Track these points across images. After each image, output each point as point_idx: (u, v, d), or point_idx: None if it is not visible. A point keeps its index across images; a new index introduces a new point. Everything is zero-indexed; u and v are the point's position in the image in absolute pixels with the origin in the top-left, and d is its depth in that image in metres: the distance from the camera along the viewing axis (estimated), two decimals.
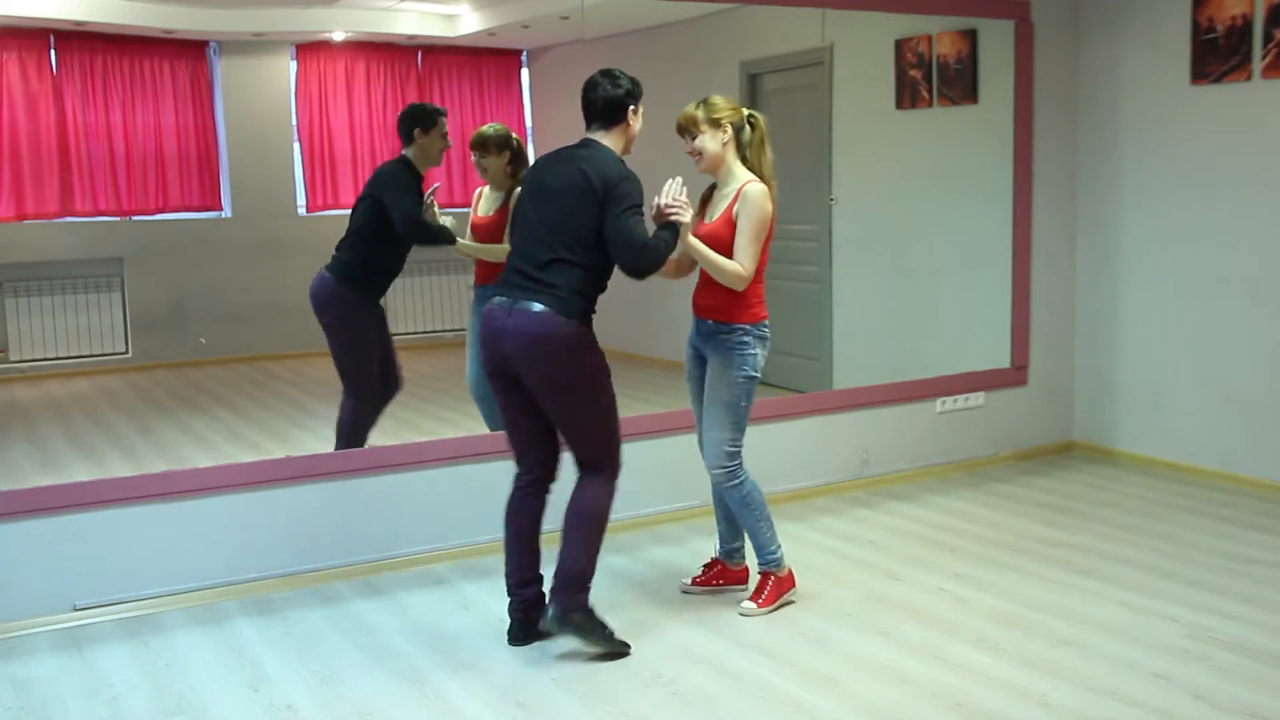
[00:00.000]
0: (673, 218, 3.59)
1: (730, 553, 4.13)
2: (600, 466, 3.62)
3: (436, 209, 4.71)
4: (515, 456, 3.69)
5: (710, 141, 3.78)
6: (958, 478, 5.62)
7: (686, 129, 3.81)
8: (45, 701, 3.35)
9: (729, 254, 3.73)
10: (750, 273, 3.72)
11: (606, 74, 3.65)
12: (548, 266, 3.48)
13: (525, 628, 3.66)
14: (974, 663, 3.49)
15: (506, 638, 3.69)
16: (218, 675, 3.50)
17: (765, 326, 3.83)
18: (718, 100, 3.82)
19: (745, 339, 3.78)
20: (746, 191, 3.74)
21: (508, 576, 3.68)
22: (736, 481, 3.84)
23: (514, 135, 4.85)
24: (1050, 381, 6.03)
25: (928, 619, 3.84)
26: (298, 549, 4.28)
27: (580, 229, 3.49)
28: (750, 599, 3.91)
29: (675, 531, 4.83)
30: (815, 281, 6.25)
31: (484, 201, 4.92)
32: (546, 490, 3.70)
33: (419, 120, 4.66)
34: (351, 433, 4.66)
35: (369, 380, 4.71)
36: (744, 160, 3.83)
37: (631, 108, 3.63)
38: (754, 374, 3.81)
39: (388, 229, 4.55)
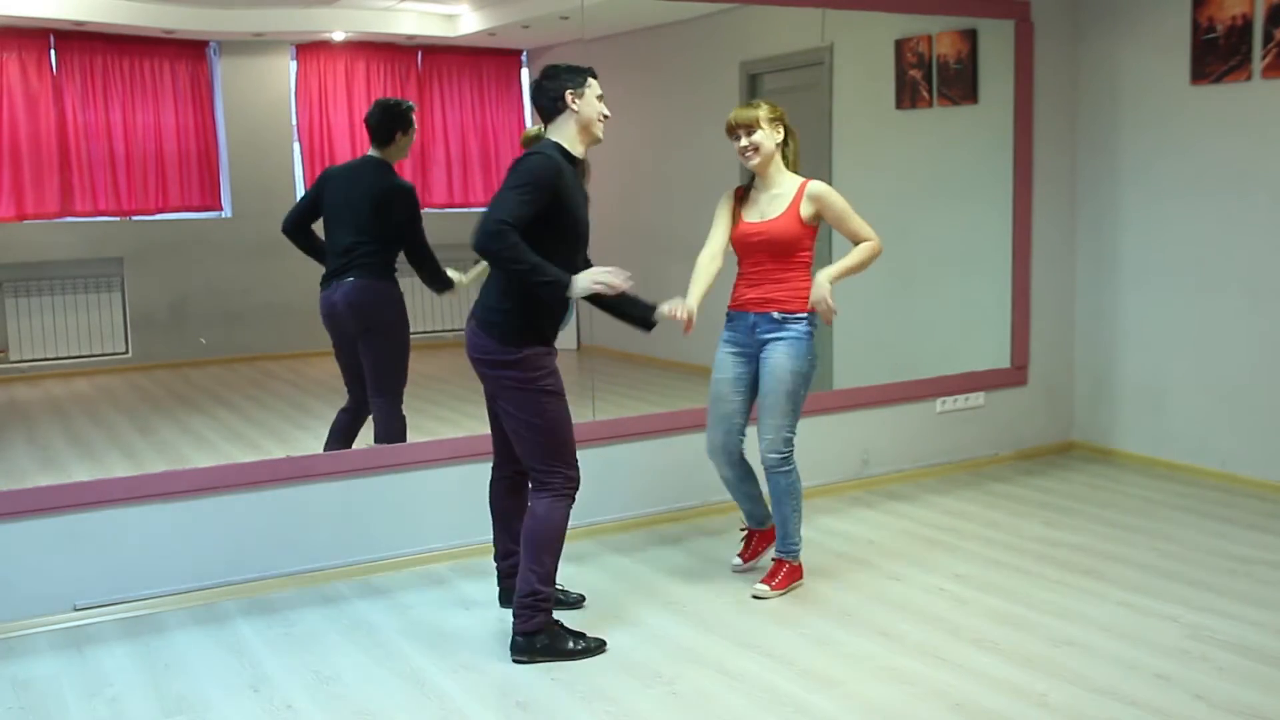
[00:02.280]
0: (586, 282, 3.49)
1: (762, 519, 4.29)
2: (546, 484, 3.60)
3: None
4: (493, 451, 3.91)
5: (767, 139, 3.97)
6: (958, 478, 5.62)
7: (745, 126, 3.96)
8: (45, 701, 3.35)
9: (796, 245, 3.99)
10: (876, 238, 4.06)
11: (541, 73, 3.61)
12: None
13: (509, 594, 3.82)
14: (974, 663, 3.49)
15: (499, 603, 3.98)
16: (218, 675, 3.50)
17: (816, 317, 4.07)
18: (769, 104, 4.04)
19: (809, 327, 4.02)
20: (816, 189, 4.00)
21: (495, 552, 3.98)
22: (789, 468, 4.03)
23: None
24: (1050, 381, 6.03)
25: (928, 619, 3.84)
26: (298, 549, 4.28)
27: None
28: (764, 581, 4.08)
29: (676, 531, 4.83)
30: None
31: None
32: (515, 474, 3.85)
33: (400, 121, 4.60)
34: (347, 435, 4.65)
35: (406, 375, 4.71)
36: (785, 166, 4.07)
37: (570, 91, 3.54)
38: (816, 361, 4.07)
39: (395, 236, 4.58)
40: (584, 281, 3.46)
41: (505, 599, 3.91)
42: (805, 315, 4.00)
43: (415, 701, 3.30)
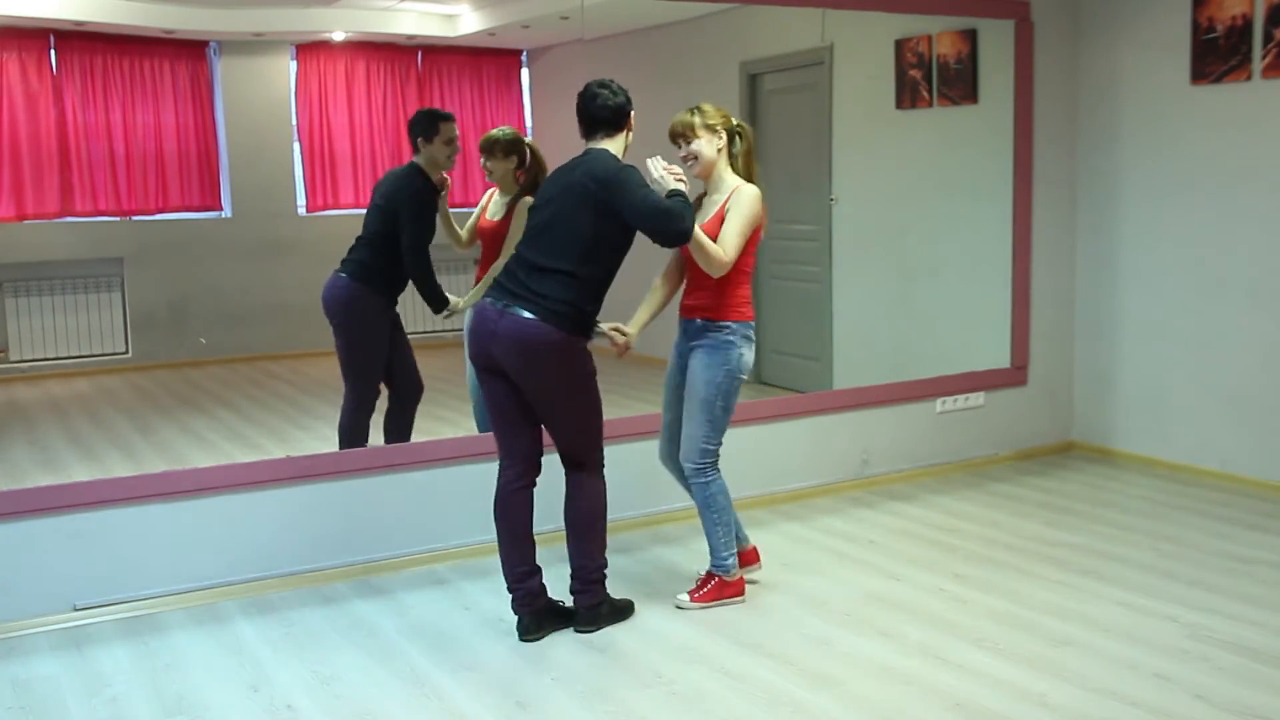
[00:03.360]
0: (674, 184, 3.68)
1: (742, 538, 4.17)
2: (585, 463, 3.73)
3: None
4: (501, 448, 3.75)
5: (706, 146, 3.85)
6: (958, 478, 5.62)
7: (682, 134, 3.87)
8: (45, 701, 3.35)
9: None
10: (731, 259, 3.76)
11: (604, 85, 3.74)
12: (540, 274, 3.56)
13: (536, 619, 3.72)
14: (974, 663, 3.49)
15: (518, 634, 3.71)
16: (218, 675, 3.50)
17: (751, 327, 3.90)
18: (709, 107, 3.91)
19: (731, 337, 3.84)
20: (740, 190, 3.85)
21: (507, 573, 3.72)
22: (704, 480, 3.90)
23: (524, 139, 4.83)
24: (1050, 381, 6.03)
25: (928, 619, 3.84)
26: (298, 549, 4.28)
27: (578, 234, 3.56)
28: (689, 592, 3.99)
29: (676, 531, 4.83)
30: (815, 281, 6.25)
31: (492, 205, 4.90)
32: (532, 483, 3.76)
33: (421, 128, 4.65)
34: (351, 433, 4.66)
35: (371, 381, 4.71)
36: (733, 168, 3.93)
37: (630, 112, 3.76)
38: (738, 373, 3.87)
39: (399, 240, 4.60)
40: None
41: (530, 625, 3.71)
42: (732, 324, 3.83)
43: (415, 701, 3.30)
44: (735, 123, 3.94)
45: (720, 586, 3.98)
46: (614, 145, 3.73)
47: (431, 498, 4.51)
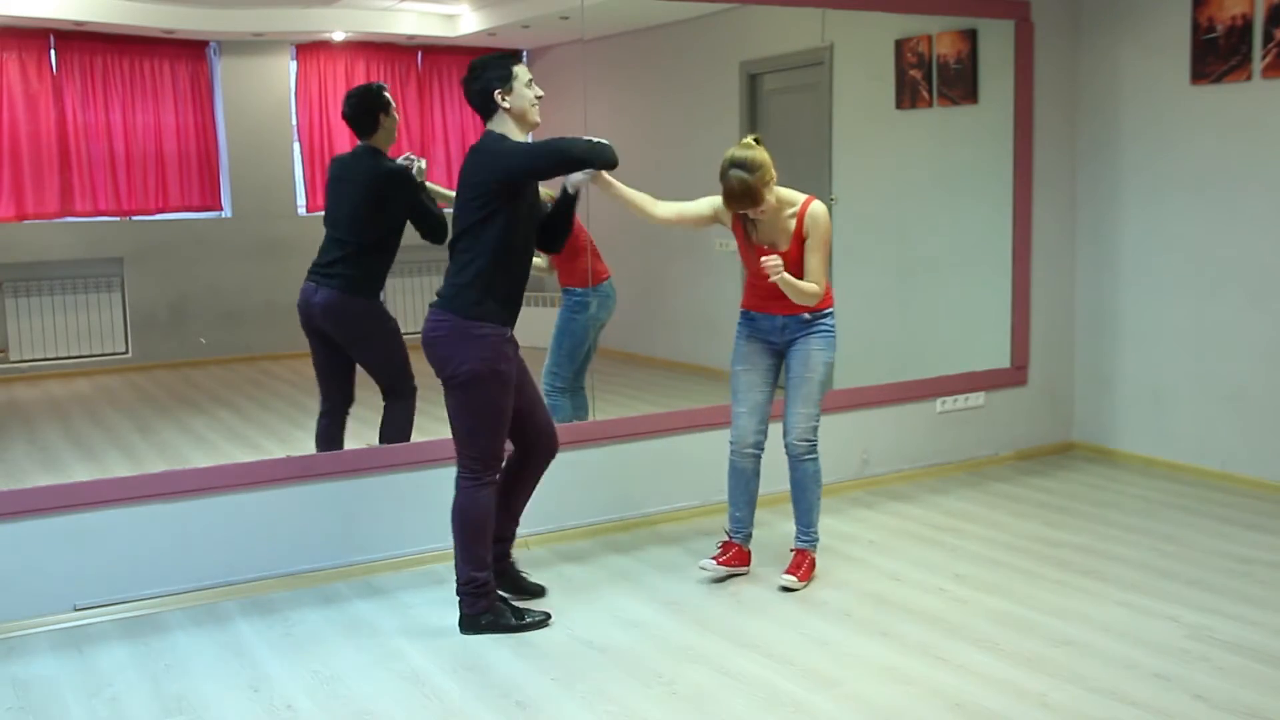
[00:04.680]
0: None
1: (747, 537, 4.31)
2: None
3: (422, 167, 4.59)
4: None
5: (770, 195, 3.89)
6: (958, 478, 5.62)
7: (749, 200, 3.84)
8: (45, 701, 3.35)
9: (800, 269, 3.97)
10: (823, 287, 3.99)
11: (468, 70, 3.71)
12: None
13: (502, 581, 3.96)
14: (974, 663, 3.49)
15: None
16: (218, 675, 3.50)
17: None
18: (756, 157, 3.85)
19: (834, 322, 4.12)
20: (814, 212, 3.96)
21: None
22: (815, 455, 4.19)
23: None
24: (1050, 381, 6.03)
25: (928, 619, 3.84)
26: (298, 549, 4.28)
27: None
28: (790, 572, 4.14)
29: (675, 531, 4.83)
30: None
31: None
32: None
33: (381, 103, 4.45)
34: (404, 433, 4.56)
35: (411, 376, 4.56)
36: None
37: (498, 91, 3.66)
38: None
39: (387, 234, 4.43)
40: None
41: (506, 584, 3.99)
42: (831, 310, 4.11)
43: (415, 701, 3.30)
44: (755, 138, 3.95)
45: (812, 562, 4.22)
46: (497, 126, 3.71)
47: (431, 498, 4.50)
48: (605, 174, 3.79)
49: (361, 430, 5.45)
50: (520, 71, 3.69)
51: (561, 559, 4.51)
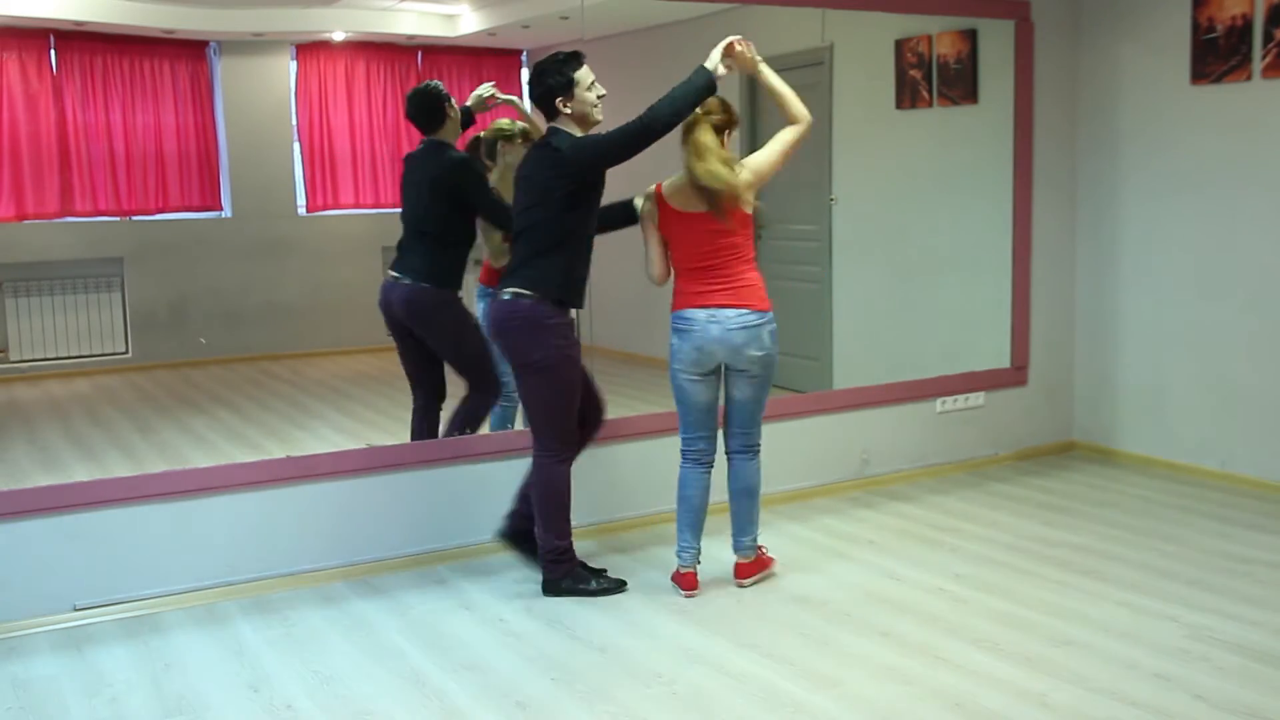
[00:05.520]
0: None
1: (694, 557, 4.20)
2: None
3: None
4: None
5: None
6: (958, 478, 5.62)
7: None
8: (45, 701, 3.35)
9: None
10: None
11: (531, 73, 3.91)
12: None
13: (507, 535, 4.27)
14: (974, 663, 3.49)
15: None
16: (218, 675, 3.50)
17: None
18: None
19: (774, 324, 3.98)
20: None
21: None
22: (758, 457, 4.13)
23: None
24: (1050, 381, 6.03)
25: (928, 619, 3.84)
26: (298, 549, 4.28)
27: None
28: (737, 579, 4.16)
29: (675, 531, 4.82)
30: (815, 281, 6.24)
31: None
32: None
33: (443, 97, 4.61)
34: (467, 427, 4.65)
35: (490, 371, 4.63)
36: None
37: (560, 99, 3.83)
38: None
39: (460, 225, 4.53)
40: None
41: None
42: (771, 312, 3.99)
43: (415, 701, 3.30)
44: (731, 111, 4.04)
45: (762, 559, 4.20)
46: (562, 125, 3.89)
47: (431, 498, 4.51)
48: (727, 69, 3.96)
49: (362, 430, 5.46)
50: (581, 77, 3.86)
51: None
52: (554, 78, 3.83)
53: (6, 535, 3.85)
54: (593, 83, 3.88)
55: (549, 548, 4.07)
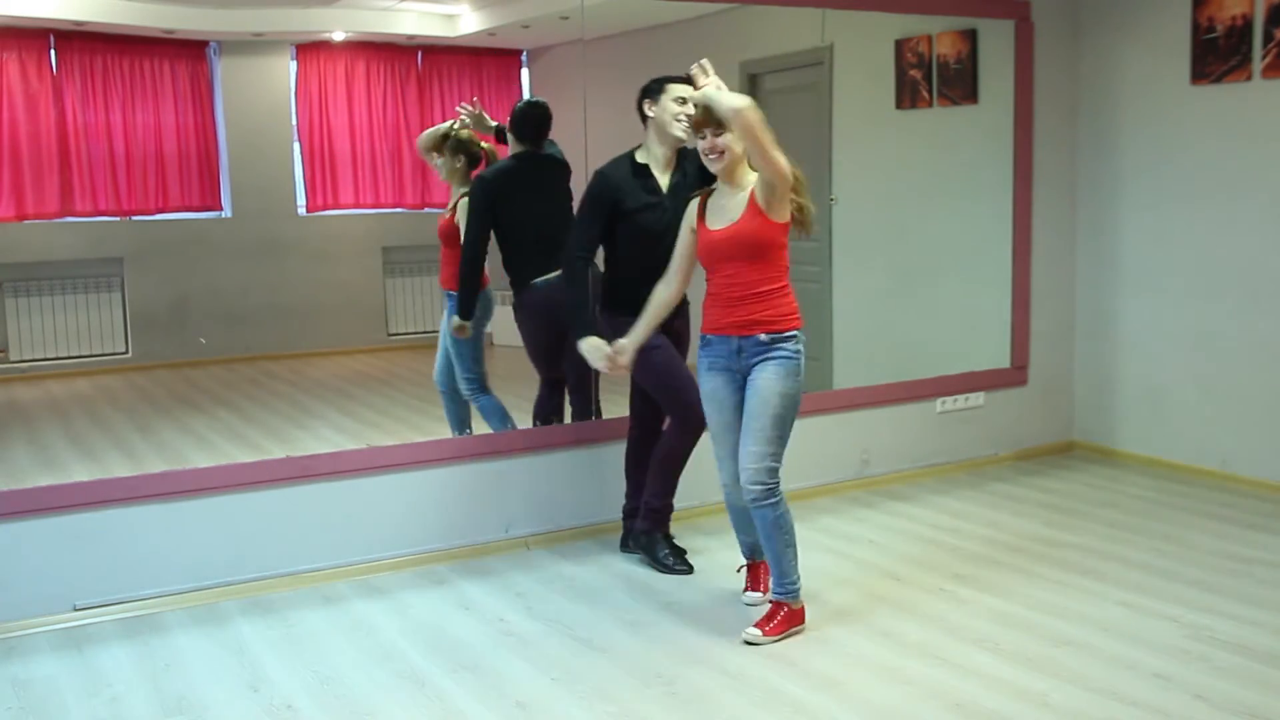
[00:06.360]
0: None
1: (756, 549, 4.01)
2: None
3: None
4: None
5: (736, 142, 3.57)
6: (958, 478, 5.62)
7: (714, 123, 3.55)
8: (45, 701, 3.35)
9: (760, 251, 3.59)
10: (788, 166, 3.52)
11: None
12: None
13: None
14: (974, 663, 3.49)
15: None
16: (218, 675, 3.50)
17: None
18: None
19: (800, 346, 3.67)
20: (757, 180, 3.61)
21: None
22: (774, 500, 3.63)
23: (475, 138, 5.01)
24: (1050, 381, 6.03)
25: (928, 619, 3.84)
26: (298, 549, 4.28)
27: None
28: (758, 626, 3.68)
29: (675, 531, 4.82)
30: (815, 281, 6.24)
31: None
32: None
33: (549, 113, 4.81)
34: (536, 418, 4.95)
35: (542, 367, 4.94)
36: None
37: (645, 100, 4.03)
38: (803, 384, 3.71)
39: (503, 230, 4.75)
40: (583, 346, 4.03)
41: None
42: (797, 332, 3.66)
43: (415, 701, 3.30)
44: None
45: (789, 616, 3.71)
46: (645, 138, 4.13)
47: (432, 498, 4.51)
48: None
49: (362, 430, 5.46)
50: (674, 89, 3.99)
51: (561, 559, 4.51)
52: (650, 83, 4.01)
53: (6, 535, 3.85)
54: (684, 100, 3.94)
55: (646, 499, 4.35)
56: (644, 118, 4.07)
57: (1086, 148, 5.91)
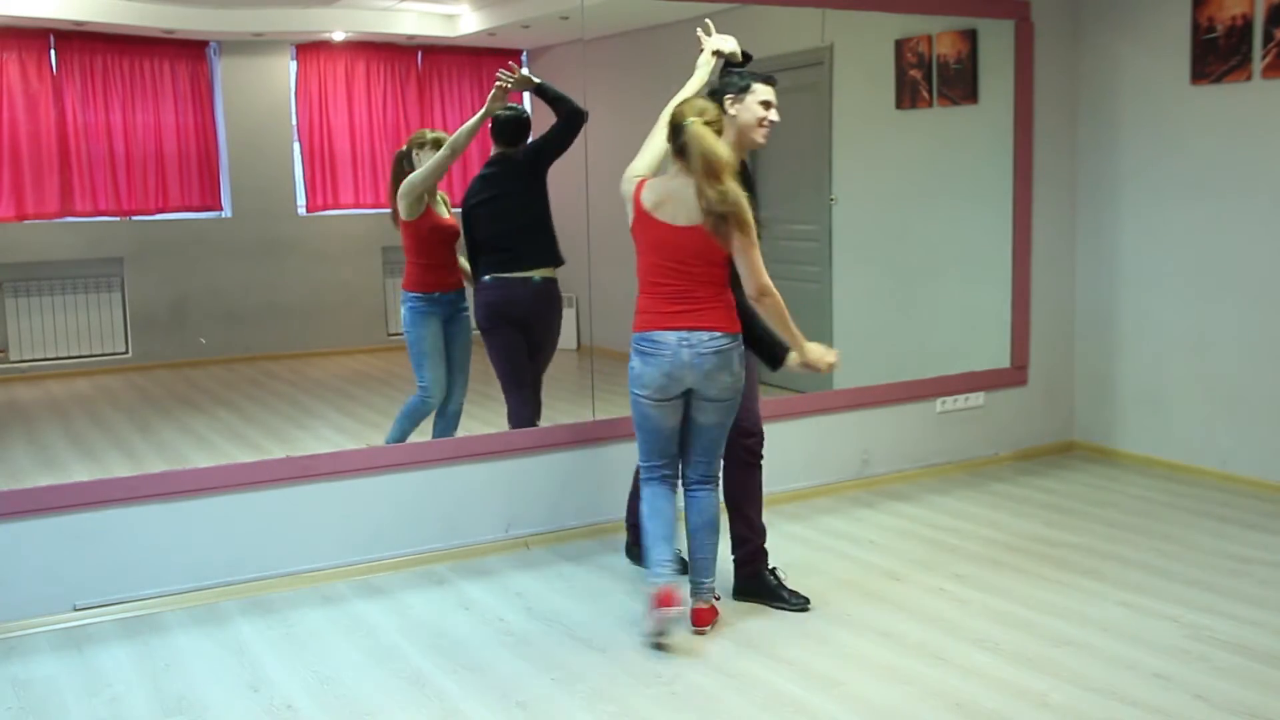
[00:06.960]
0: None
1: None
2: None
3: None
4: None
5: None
6: (958, 478, 5.62)
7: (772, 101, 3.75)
8: (45, 701, 3.35)
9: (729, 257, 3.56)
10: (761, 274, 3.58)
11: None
12: None
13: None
14: (974, 663, 3.49)
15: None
16: (218, 675, 3.50)
17: None
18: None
19: (743, 347, 3.67)
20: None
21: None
22: (716, 490, 3.82)
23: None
24: (1050, 381, 6.03)
25: (928, 619, 3.84)
26: (297, 549, 4.28)
27: None
28: (696, 627, 3.76)
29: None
30: (815, 281, 6.25)
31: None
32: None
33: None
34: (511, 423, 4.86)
35: (501, 379, 4.91)
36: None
37: (728, 96, 3.73)
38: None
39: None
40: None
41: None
42: (739, 333, 3.66)
43: (415, 701, 3.30)
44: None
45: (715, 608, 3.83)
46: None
47: (431, 498, 4.51)
48: None
49: (362, 430, 5.45)
50: (760, 90, 3.75)
51: (561, 559, 4.51)
52: (737, 79, 3.76)
53: (6, 535, 3.85)
54: (768, 104, 3.75)
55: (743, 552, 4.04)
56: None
57: (1086, 148, 5.91)
